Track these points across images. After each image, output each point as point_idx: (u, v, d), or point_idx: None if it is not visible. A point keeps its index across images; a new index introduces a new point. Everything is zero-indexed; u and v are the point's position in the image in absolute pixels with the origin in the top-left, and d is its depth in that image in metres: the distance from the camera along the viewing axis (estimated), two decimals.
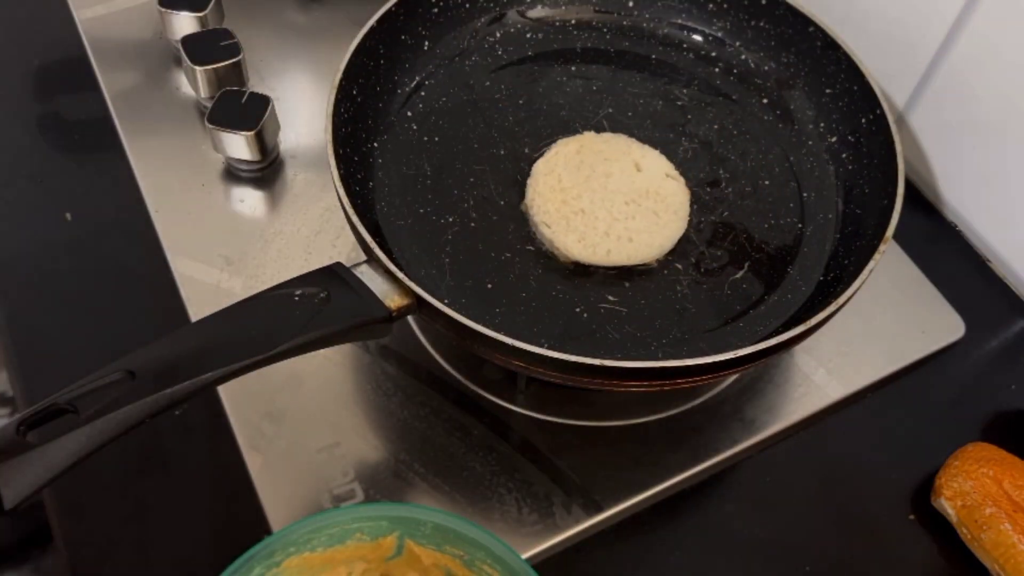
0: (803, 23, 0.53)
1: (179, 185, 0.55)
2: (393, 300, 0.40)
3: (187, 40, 0.56)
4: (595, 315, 0.46)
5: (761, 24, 0.55)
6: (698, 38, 0.57)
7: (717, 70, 0.56)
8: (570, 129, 0.53)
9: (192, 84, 0.57)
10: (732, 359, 0.39)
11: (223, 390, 0.47)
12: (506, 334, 0.39)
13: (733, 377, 0.50)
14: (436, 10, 0.53)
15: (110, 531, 0.44)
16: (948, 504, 0.45)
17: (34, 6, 0.65)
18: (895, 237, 0.46)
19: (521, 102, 0.54)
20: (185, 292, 0.50)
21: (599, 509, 0.45)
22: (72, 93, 0.61)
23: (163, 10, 0.58)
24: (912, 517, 0.47)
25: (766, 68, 0.55)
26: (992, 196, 0.56)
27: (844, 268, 0.47)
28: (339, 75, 0.46)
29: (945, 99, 0.56)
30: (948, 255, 0.57)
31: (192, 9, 0.57)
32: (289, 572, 0.36)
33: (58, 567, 0.45)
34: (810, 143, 0.53)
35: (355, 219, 0.42)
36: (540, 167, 0.50)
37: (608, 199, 0.48)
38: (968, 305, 0.53)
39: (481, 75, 0.55)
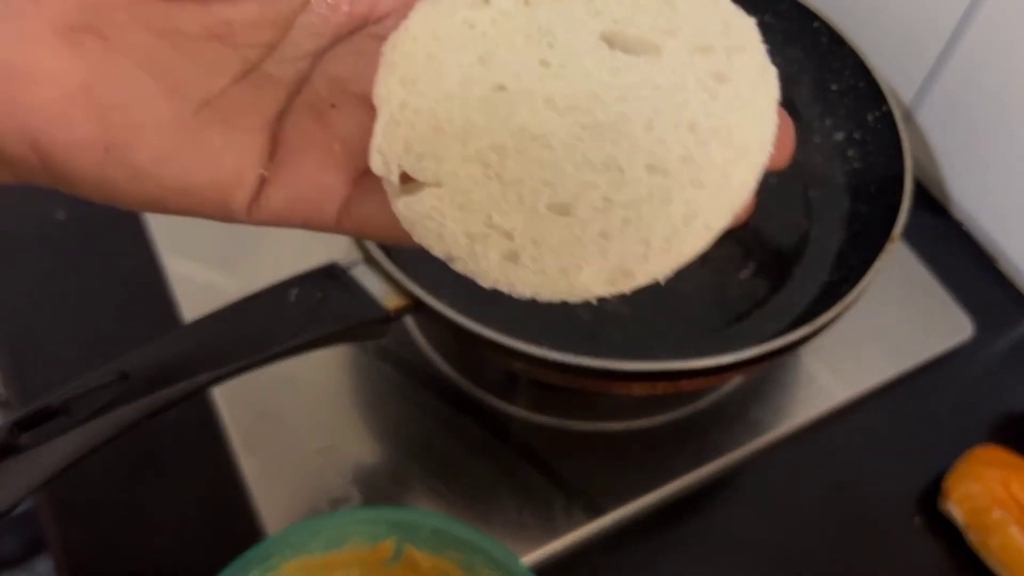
0: (808, 18, 0.53)
1: None
2: (391, 300, 0.39)
3: None
4: (597, 315, 0.45)
5: (766, 19, 0.54)
6: None
7: None
8: None
9: None
10: (737, 361, 0.39)
11: (217, 392, 0.47)
12: (506, 334, 0.38)
13: (737, 379, 0.49)
14: None
15: (104, 534, 0.44)
16: (955, 507, 0.45)
17: None
18: (902, 236, 0.45)
19: None
20: (179, 292, 0.50)
21: (601, 512, 0.44)
22: None
23: None
24: (919, 520, 0.47)
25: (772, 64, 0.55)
26: (1000, 194, 0.55)
27: (851, 268, 0.46)
28: None
29: (953, 96, 0.56)
30: (956, 254, 0.57)
31: None
32: None
33: (51, 570, 0.44)
34: (816, 140, 0.53)
35: None
36: None
37: None
38: (976, 305, 0.53)
39: None
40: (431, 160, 0.20)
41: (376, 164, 0.20)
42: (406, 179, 0.20)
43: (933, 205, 0.59)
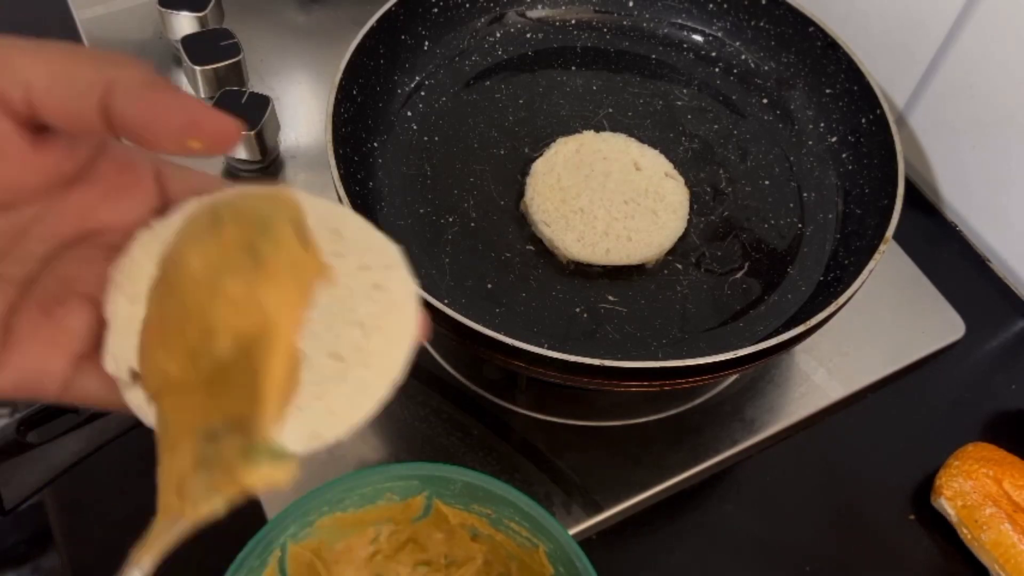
0: (803, 23, 0.53)
1: None
2: None
3: (187, 40, 0.56)
4: (595, 315, 0.46)
5: (761, 24, 0.55)
6: (698, 38, 0.57)
7: (717, 70, 0.56)
8: (570, 128, 0.53)
9: (192, 84, 0.57)
10: (732, 359, 0.39)
11: None
12: (506, 334, 0.39)
13: (733, 377, 0.50)
14: (436, 10, 0.53)
15: (110, 531, 0.44)
16: (948, 504, 0.45)
17: (34, 6, 0.65)
18: (895, 237, 0.46)
19: (521, 102, 0.54)
20: None
21: (599, 509, 0.45)
22: None
23: (163, 10, 0.58)
24: (912, 517, 0.47)
25: (766, 68, 0.55)
26: (992, 196, 0.56)
27: (844, 268, 0.47)
28: (339, 75, 0.46)
29: (945, 99, 0.56)
30: (948, 255, 0.57)
31: (192, 9, 0.57)
32: (320, 532, 0.37)
33: (58, 567, 0.45)
34: (810, 143, 0.53)
35: None
36: (539, 166, 0.50)
37: (607, 198, 0.48)
38: (968, 305, 0.53)
39: (481, 75, 0.55)
40: None
41: (109, 366, 0.24)
42: (136, 375, 0.25)
43: (925, 206, 0.60)
